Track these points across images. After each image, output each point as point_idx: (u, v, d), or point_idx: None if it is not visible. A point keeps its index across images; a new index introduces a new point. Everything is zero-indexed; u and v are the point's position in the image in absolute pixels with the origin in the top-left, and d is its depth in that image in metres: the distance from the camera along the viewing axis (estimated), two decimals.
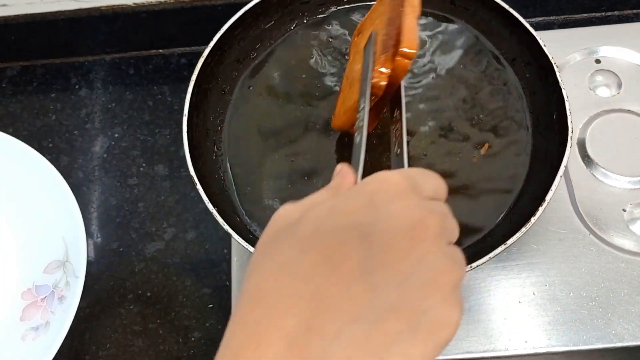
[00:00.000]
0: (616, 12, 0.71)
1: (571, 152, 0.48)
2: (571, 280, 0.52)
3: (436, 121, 0.54)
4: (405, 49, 0.40)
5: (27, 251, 0.58)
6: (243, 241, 0.45)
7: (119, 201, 0.67)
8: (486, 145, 0.53)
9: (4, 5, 0.68)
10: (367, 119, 0.38)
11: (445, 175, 0.50)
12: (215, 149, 0.53)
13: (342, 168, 0.32)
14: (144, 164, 0.69)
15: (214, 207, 0.47)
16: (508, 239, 0.45)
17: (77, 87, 0.74)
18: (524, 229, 0.45)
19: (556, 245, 0.53)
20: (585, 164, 0.56)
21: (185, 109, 0.50)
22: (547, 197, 0.46)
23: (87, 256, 0.54)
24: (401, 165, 0.37)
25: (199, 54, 0.53)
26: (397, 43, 0.41)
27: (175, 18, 0.70)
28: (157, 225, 0.65)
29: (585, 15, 0.71)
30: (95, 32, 0.72)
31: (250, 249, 0.45)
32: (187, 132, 0.49)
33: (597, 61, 0.60)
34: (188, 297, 0.61)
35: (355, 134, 0.37)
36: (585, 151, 0.57)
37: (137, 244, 0.64)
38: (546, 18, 0.71)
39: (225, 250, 0.63)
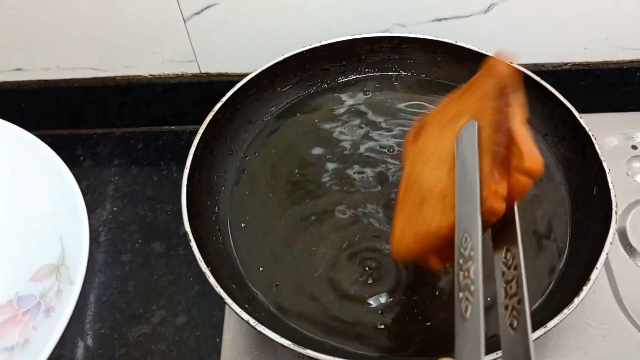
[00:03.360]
0: None
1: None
2: None
3: None
4: (530, 166, 0.31)
5: (13, 255, 0.50)
6: (237, 307, 0.39)
7: (108, 278, 0.61)
8: None
9: (19, 69, 0.67)
10: (481, 272, 0.29)
11: None
12: (217, 210, 0.49)
13: None
14: (140, 240, 0.64)
15: (208, 266, 0.41)
16: (547, 322, 0.38)
17: (81, 158, 0.71)
18: (566, 311, 0.38)
19: (599, 343, 0.46)
20: (628, 254, 0.51)
21: (187, 162, 0.46)
22: (592, 276, 0.40)
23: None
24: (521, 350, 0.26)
25: None
26: (512, 155, 0.32)
27: (191, 93, 0.69)
28: (145, 306, 0.59)
29: (613, 113, 0.68)
30: (107, 103, 0.70)
31: (244, 316, 0.39)
32: (187, 186, 0.45)
33: (634, 147, 0.57)
34: None
35: (461, 304, 0.28)
36: (627, 240, 0.51)
37: (122, 326, 0.58)
38: None
39: (217, 339, 0.56)
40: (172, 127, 0.73)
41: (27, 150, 0.50)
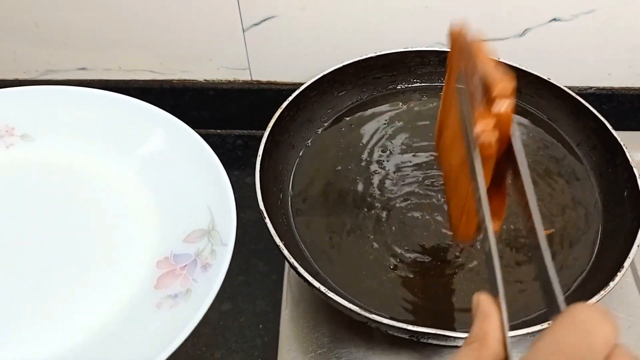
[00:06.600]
0: None
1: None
2: None
3: None
4: (499, 91, 0.32)
5: (167, 221, 0.54)
6: (308, 275, 0.44)
7: None
8: (549, 231, 0.52)
9: (84, 69, 0.72)
10: (487, 205, 0.30)
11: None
12: (281, 196, 0.53)
13: (479, 301, 0.27)
14: None
15: (281, 240, 0.45)
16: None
17: None
18: (603, 292, 0.43)
19: (626, 331, 0.51)
20: None
21: (260, 150, 0.51)
22: (625, 264, 0.44)
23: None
24: (542, 265, 0.28)
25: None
26: (487, 90, 0.32)
27: (240, 99, 0.73)
28: None
29: (638, 132, 0.72)
30: (161, 105, 0.74)
31: (315, 283, 0.43)
32: (260, 172, 0.50)
33: None
34: None
35: (482, 239, 0.29)
36: None
37: None
38: None
39: (260, 326, 0.59)
40: (219, 131, 0.77)
41: (181, 138, 0.58)
